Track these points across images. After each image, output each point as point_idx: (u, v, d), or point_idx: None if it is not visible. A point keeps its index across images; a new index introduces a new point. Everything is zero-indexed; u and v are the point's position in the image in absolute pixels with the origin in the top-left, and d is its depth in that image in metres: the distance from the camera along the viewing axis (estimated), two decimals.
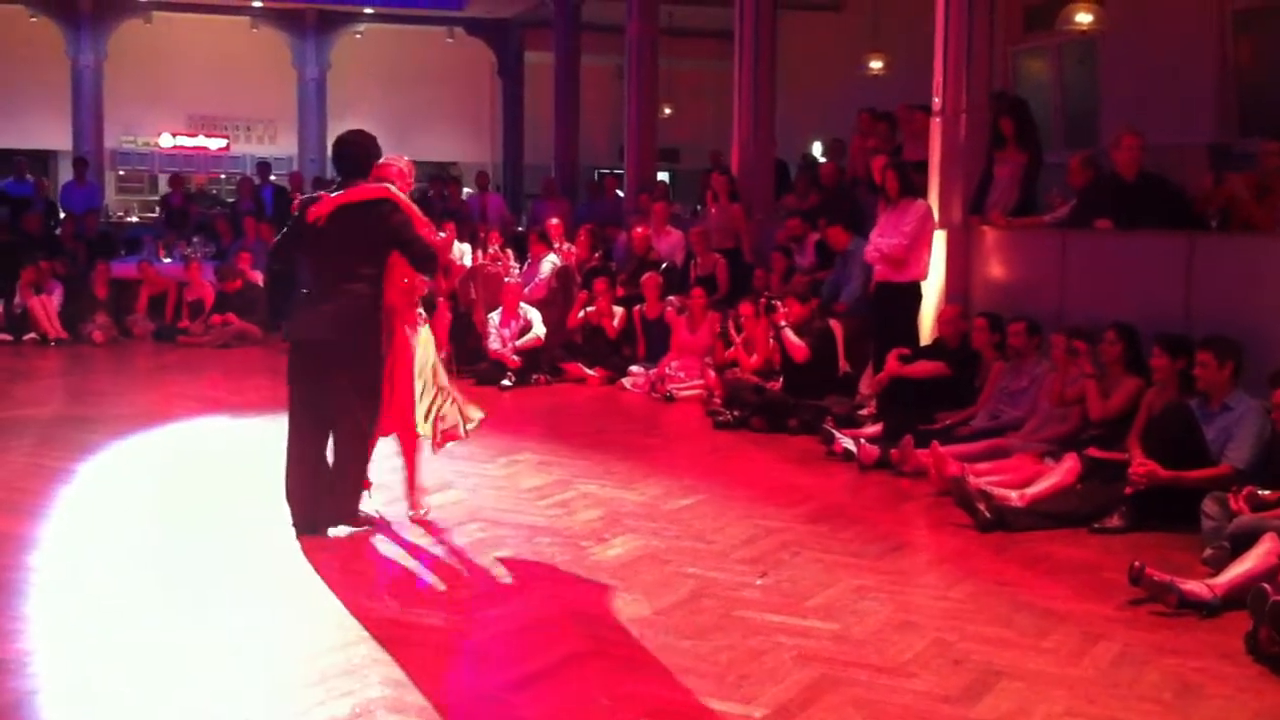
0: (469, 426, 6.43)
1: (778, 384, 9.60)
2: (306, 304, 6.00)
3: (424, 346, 6.26)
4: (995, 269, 9.24)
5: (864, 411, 9.08)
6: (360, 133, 6.17)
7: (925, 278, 9.28)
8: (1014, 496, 6.51)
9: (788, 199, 13.35)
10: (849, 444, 8.04)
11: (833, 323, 9.70)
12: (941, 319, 8.94)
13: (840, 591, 5.32)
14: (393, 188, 6.00)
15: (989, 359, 8.35)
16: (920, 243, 9.15)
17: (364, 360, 5.98)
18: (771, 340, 9.76)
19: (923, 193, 9.44)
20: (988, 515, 6.34)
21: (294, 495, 6.07)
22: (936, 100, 9.64)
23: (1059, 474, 6.64)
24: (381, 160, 6.16)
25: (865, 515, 6.70)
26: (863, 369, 9.72)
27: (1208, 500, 5.93)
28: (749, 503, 6.92)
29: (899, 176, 9.26)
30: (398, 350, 6.14)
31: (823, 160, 14.55)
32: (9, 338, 13.95)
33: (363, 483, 6.20)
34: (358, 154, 6.06)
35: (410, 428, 6.28)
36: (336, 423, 6.03)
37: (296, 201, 6.29)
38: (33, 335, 13.93)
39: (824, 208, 11.79)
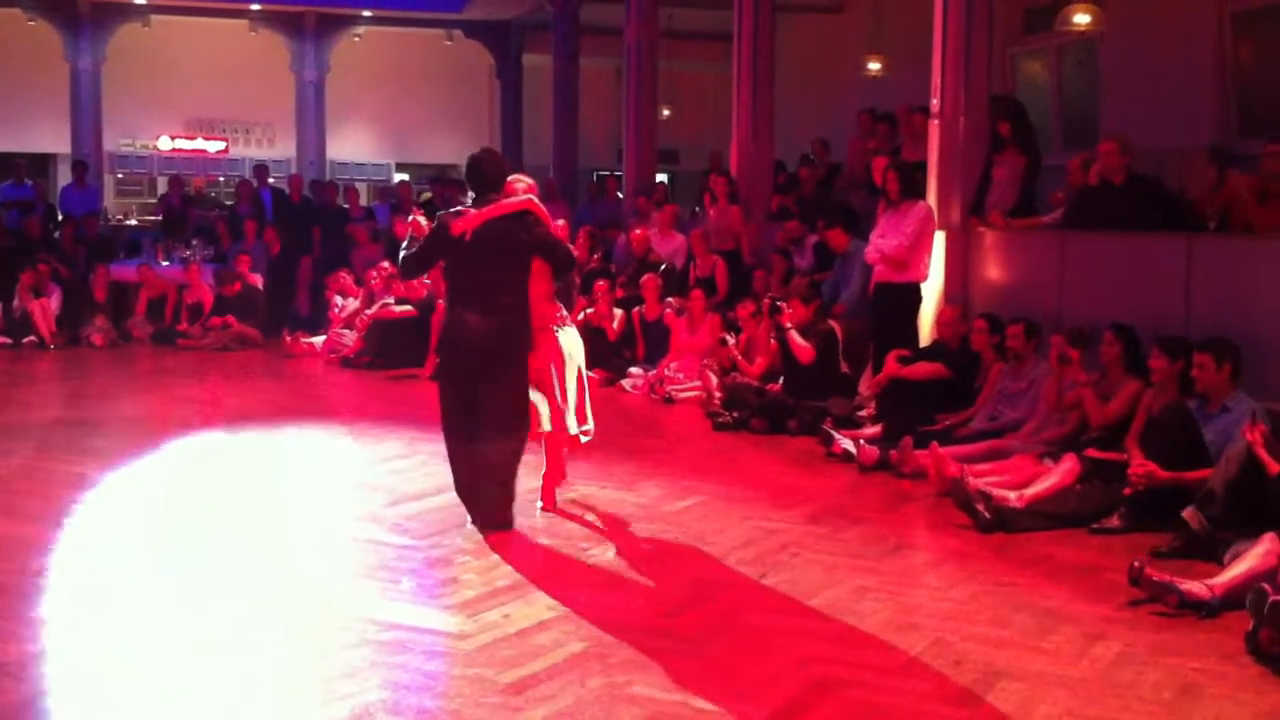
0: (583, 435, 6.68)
1: (777, 386, 9.60)
2: (462, 315, 6.18)
3: (573, 346, 6.56)
4: (994, 270, 9.24)
5: (863, 413, 9.08)
6: (493, 151, 6.55)
7: (925, 279, 9.27)
8: (1013, 497, 6.50)
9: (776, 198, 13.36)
10: (848, 445, 8.04)
11: (832, 324, 9.70)
12: (941, 320, 8.94)
13: (841, 593, 5.32)
14: (535, 199, 6.29)
15: (988, 360, 8.34)
16: (921, 244, 9.14)
17: (517, 367, 6.26)
18: (772, 341, 9.75)
19: (923, 194, 9.44)
20: (987, 516, 6.34)
21: (466, 495, 6.30)
22: (935, 102, 9.65)
23: (1058, 474, 6.64)
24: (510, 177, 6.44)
25: (865, 516, 6.70)
26: (862, 370, 9.72)
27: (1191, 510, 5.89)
28: (749, 504, 6.92)
29: (900, 178, 9.26)
30: (548, 353, 6.40)
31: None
32: (8, 341, 13.95)
33: (513, 490, 6.31)
34: (493, 171, 6.30)
35: (561, 429, 6.50)
36: (493, 430, 6.16)
37: (403, 222, 6.48)
38: (32, 338, 13.93)
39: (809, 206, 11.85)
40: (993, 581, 5.52)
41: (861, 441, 8.02)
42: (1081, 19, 11.39)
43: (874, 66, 15.56)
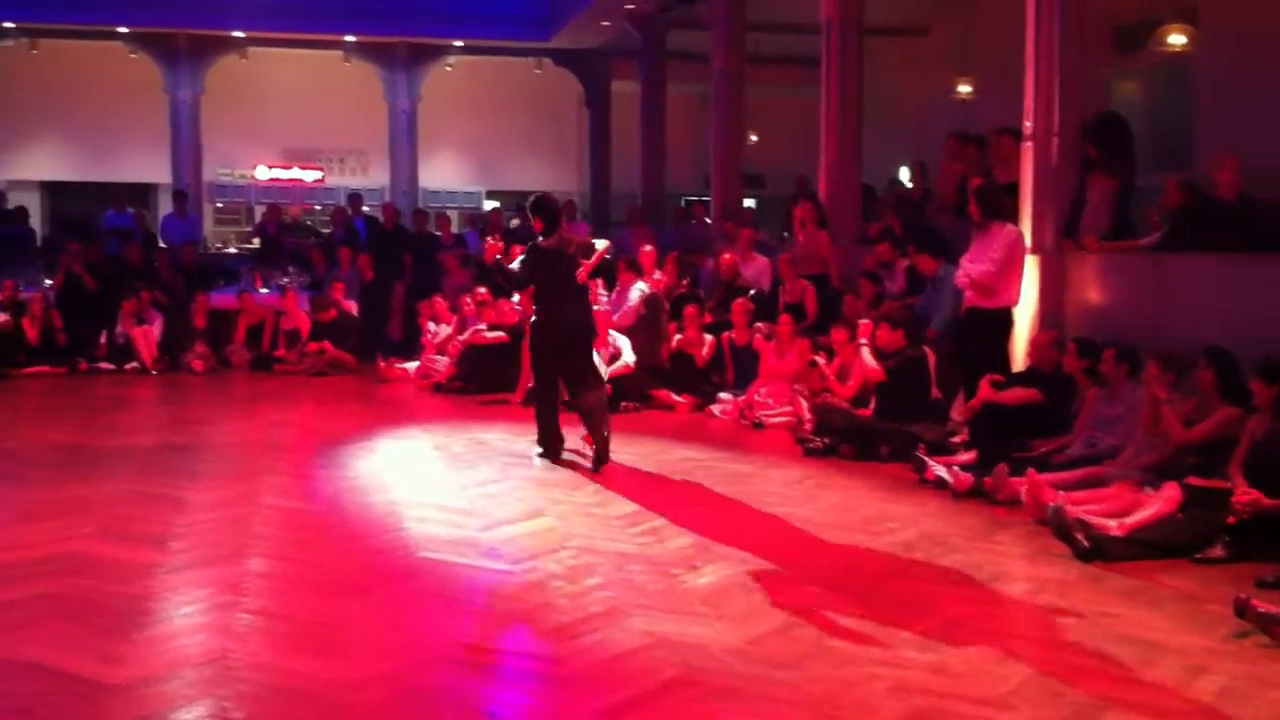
0: None
1: (869, 410, 9.53)
2: (556, 310, 8.74)
3: None
4: (1090, 293, 9.11)
5: (956, 439, 8.98)
6: (552, 196, 9.22)
7: (1016, 303, 9.15)
8: (1113, 525, 6.39)
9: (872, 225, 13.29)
10: (942, 471, 7.95)
11: (924, 349, 9.62)
12: (1035, 345, 8.82)
13: (936, 621, 5.26)
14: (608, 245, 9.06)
15: (1083, 385, 8.22)
16: (1010, 268, 9.02)
17: (592, 342, 9.08)
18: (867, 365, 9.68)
19: (1010, 216, 9.32)
20: (1086, 544, 6.24)
21: (548, 435, 8.91)
22: (1027, 124, 9.55)
23: (1159, 502, 6.51)
24: None
25: (960, 544, 6.62)
26: (954, 395, 9.61)
27: None
28: (841, 531, 6.87)
29: (980, 199, 9.16)
30: None
31: (909, 185, 14.51)
32: (111, 366, 14.33)
33: (608, 434, 8.71)
34: (557, 211, 8.94)
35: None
36: (582, 388, 8.74)
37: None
38: (134, 364, 14.29)
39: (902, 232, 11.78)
40: (1092, 611, 5.42)
41: (955, 468, 7.93)
42: (1175, 39, 11.24)
43: (963, 89, 15.47)
